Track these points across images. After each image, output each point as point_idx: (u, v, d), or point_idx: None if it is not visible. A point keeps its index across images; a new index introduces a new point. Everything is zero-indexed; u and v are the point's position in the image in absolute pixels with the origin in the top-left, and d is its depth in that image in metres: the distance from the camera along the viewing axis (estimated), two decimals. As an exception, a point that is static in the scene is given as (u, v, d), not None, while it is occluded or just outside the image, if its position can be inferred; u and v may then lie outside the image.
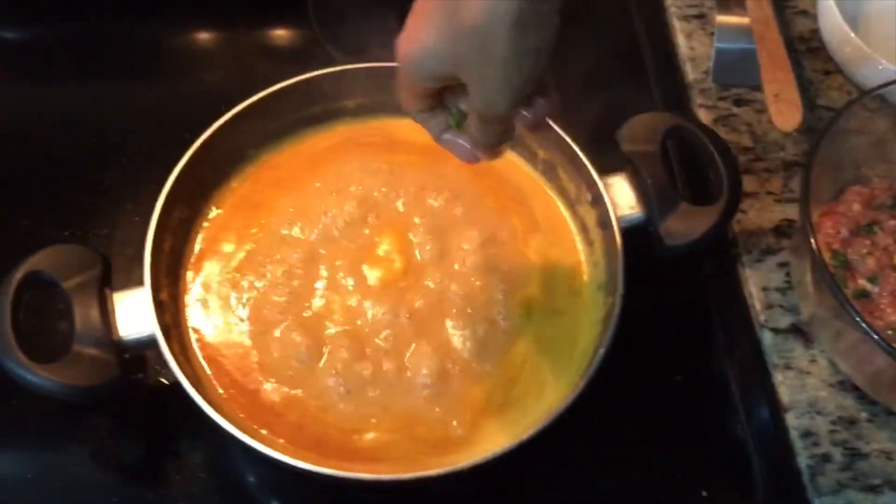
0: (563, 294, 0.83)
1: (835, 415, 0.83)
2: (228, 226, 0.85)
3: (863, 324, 0.74)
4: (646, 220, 0.82)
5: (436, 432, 0.76)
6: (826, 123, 0.84)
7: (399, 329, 0.80)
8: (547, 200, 0.89)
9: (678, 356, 0.87)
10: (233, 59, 1.08)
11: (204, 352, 0.79)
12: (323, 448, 0.75)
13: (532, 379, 0.79)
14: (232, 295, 0.81)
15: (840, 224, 0.87)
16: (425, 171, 0.89)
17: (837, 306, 0.76)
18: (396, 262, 0.83)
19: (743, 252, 0.92)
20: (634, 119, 0.85)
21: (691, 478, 0.81)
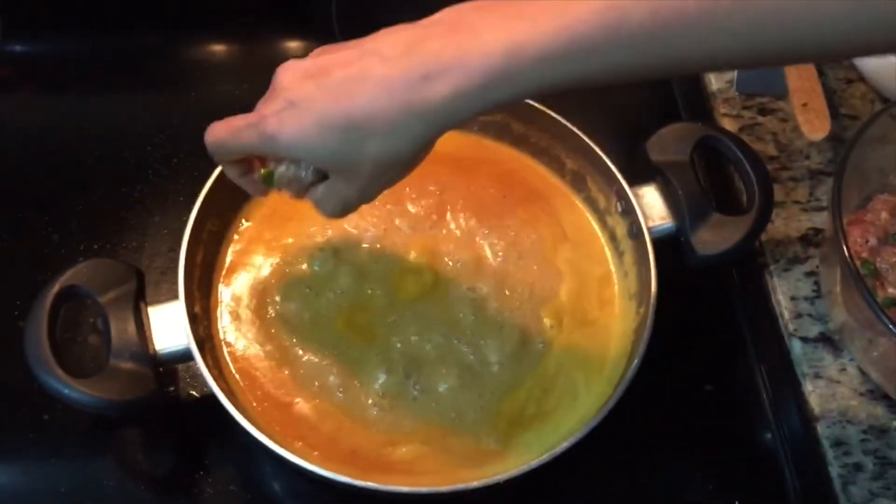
0: (593, 304, 0.84)
1: (865, 424, 0.83)
2: (258, 238, 0.85)
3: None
4: (677, 230, 0.82)
5: (470, 444, 0.76)
6: (856, 132, 0.84)
7: (430, 341, 0.80)
8: (576, 210, 0.89)
9: (707, 365, 0.87)
10: (259, 70, 1.06)
11: (236, 365, 0.79)
12: (357, 460, 0.75)
13: (564, 389, 0.79)
14: (263, 307, 0.81)
15: (868, 233, 0.87)
16: (452, 183, 0.89)
17: (869, 315, 0.76)
18: (426, 274, 0.83)
19: (770, 261, 0.92)
20: (664, 129, 0.85)
21: (724, 487, 0.81)
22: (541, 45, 0.55)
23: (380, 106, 0.58)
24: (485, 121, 0.92)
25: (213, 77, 1.06)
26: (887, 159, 0.92)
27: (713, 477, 0.82)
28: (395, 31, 0.60)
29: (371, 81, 0.58)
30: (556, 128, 0.87)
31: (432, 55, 0.57)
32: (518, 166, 0.91)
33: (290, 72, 0.62)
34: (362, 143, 0.59)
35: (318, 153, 0.62)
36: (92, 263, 0.75)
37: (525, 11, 0.56)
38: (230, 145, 0.66)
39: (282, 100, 0.61)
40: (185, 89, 1.03)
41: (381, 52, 0.59)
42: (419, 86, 0.57)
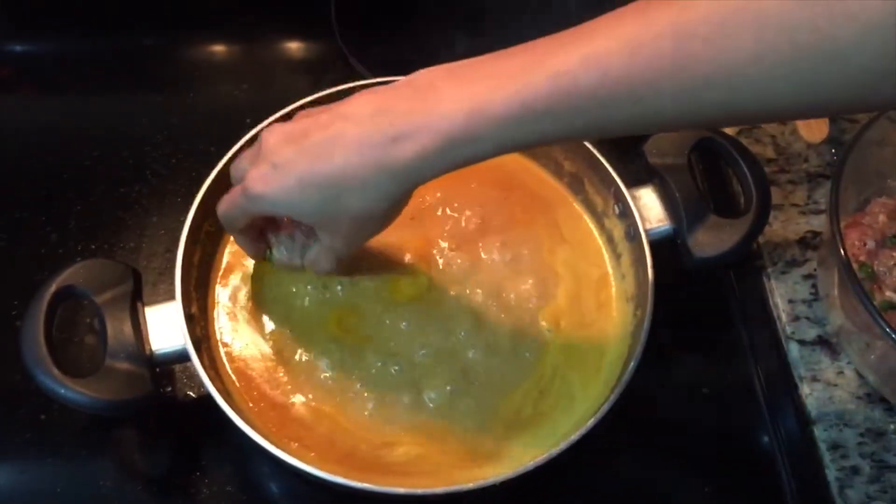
0: (590, 306, 0.84)
1: (863, 427, 0.83)
2: (256, 238, 0.85)
3: (893, 336, 0.74)
4: (674, 232, 0.82)
5: (466, 446, 0.76)
6: (854, 135, 0.84)
7: (427, 343, 0.80)
8: (573, 213, 0.89)
9: (704, 368, 0.87)
10: (257, 72, 1.08)
11: (233, 365, 0.79)
12: (353, 461, 0.75)
13: (561, 391, 0.79)
14: (259, 308, 0.81)
15: (866, 235, 0.87)
16: (451, 184, 0.89)
17: (866, 318, 0.76)
18: (421, 276, 0.83)
19: (768, 264, 0.92)
20: (661, 133, 0.85)
21: (720, 490, 0.81)
22: (498, 109, 0.59)
23: (353, 165, 0.63)
24: (483, 123, 0.91)
25: (211, 78, 1.06)
26: (885, 162, 0.92)
27: (709, 480, 0.81)
28: (367, 94, 0.65)
29: (345, 143, 0.63)
30: (554, 130, 0.87)
31: (400, 117, 0.62)
32: (516, 168, 0.91)
33: (274, 135, 0.67)
34: (339, 199, 0.65)
35: (300, 209, 0.67)
36: (89, 264, 0.75)
37: (487, 75, 0.60)
38: (231, 212, 0.73)
39: (267, 163, 0.66)
40: (183, 90, 1.03)
41: (354, 116, 0.64)
42: (388, 147, 0.62)
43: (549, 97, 0.58)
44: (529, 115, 0.59)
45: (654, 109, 0.57)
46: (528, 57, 0.60)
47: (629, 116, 0.58)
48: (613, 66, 0.56)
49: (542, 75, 0.58)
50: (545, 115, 0.59)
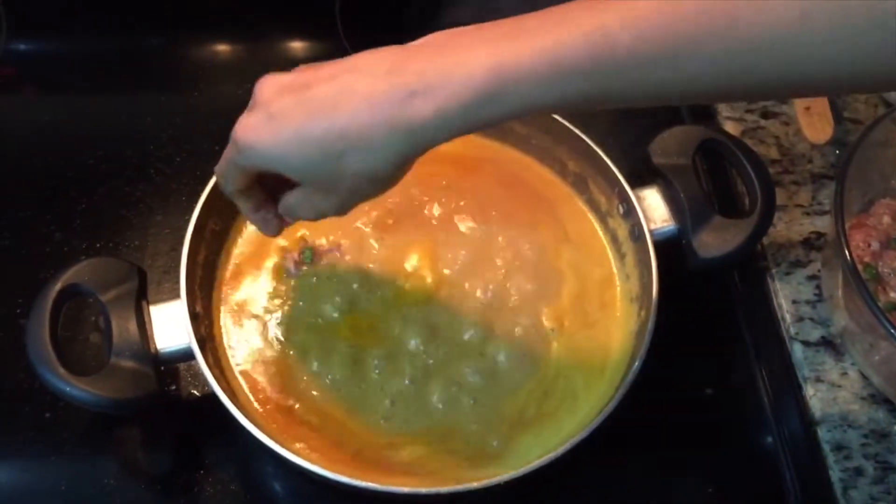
0: (594, 306, 0.84)
1: (867, 428, 0.83)
2: (261, 239, 0.85)
3: (897, 337, 0.75)
4: (678, 232, 0.82)
5: (471, 446, 0.76)
6: (858, 136, 0.84)
7: (432, 343, 0.80)
8: (578, 212, 0.89)
9: (708, 369, 0.87)
10: (261, 71, 1.07)
11: (237, 365, 0.79)
12: (358, 463, 0.75)
13: (565, 391, 0.79)
14: (264, 309, 0.81)
15: (870, 237, 0.87)
16: (456, 183, 0.90)
17: (871, 319, 0.76)
18: (428, 276, 0.84)
19: (772, 265, 0.92)
20: (666, 132, 0.85)
21: (723, 491, 0.81)
22: (525, 65, 0.55)
23: (362, 122, 0.57)
24: (488, 122, 0.91)
25: (215, 77, 1.06)
26: (890, 163, 0.92)
27: (713, 480, 0.81)
28: (380, 50, 0.59)
29: (354, 97, 0.57)
30: (559, 129, 0.87)
31: (417, 74, 0.56)
32: (520, 168, 0.91)
33: (268, 85, 0.61)
34: (341, 157, 0.59)
35: (294, 165, 0.61)
36: (94, 262, 0.75)
37: (512, 33, 0.56)
38: (223, 169, 0.66)
39: (261, 112, 0.60)
40: (187, 89, 1.03)
41: (366, 70, 0.58)
42: (403, 103, 0.56)
43: (582, 54, 0.54)
44: (559, 74, 0.55)
45: (690, 74, 0.55)
46: (560, 15, 0.56)
47: (662, 81, 0.55)
48: (654, 25, 0.53)
49: (577, 32, 0.54)
50: (576, 75, 0.55)
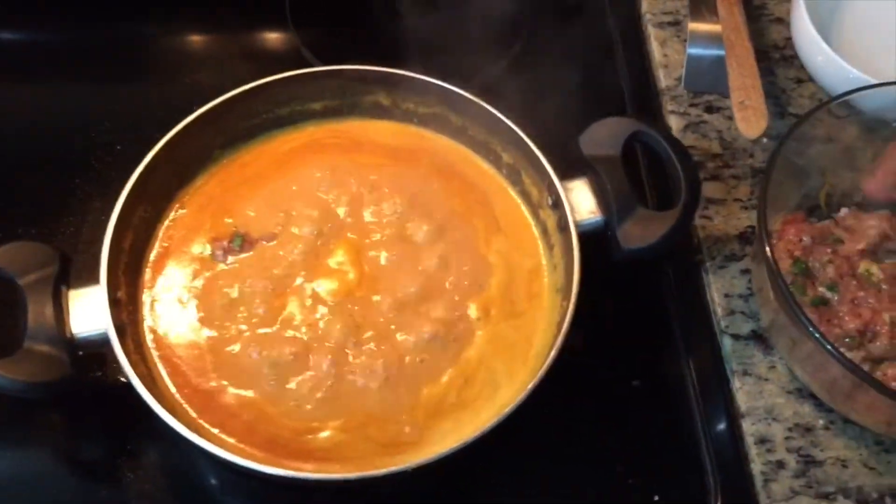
0: (521, 297, 0.84)
1: (791, 422, 0.83)
2: (192, 225, 0.86)
3: (816, 334, 0.75)
4: (604, 224, 0.82)
5: (388, 433, 0.76)
6: (787, 131, 0.84)
7: (354, 332, 0.80)
8: (511, 203, 0.89)
9: (637, 361, 0.87)
10: (213, 61, 1.09)
11: (160, 351, 0.79)
12: (275, 448, 0.75)
13: (486, 380, 0.79)
14: (190, 295, 0.82)
15: (803, 231, 0.87)
16: (390, 174, 0.90)
17: (792, 315, 0.76)
18: (354, 265, 0.84)
19: (707, 258, 0.92)
20: (596, 124, 0.85)
21: (644, 482, 0.81)
22: None
23: None
24: (424, 113, 0.92)
25: (162, 67, 1.07)
26: (829, 158, 0.91)
27: (634, 472, 0.82)
28: None
29: None
30: (493, 121, 0.88)
31: None
32: (457, 158, 0.92)
33: None
34: None
35: None
36: (15, 246, 0.76)
37: None
38: None
39: None
40: (131, 79, 1.04)
41: None
42: None
43: None
44: None
45: None
46: None
47: None
48: None
49: None
50: None
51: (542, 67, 1.08)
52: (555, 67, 1.08)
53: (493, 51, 1.07)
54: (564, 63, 1.08)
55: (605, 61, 1.09)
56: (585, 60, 1.09)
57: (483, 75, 1.03)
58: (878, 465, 0.81)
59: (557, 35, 1.11)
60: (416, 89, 0.90)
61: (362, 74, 0.90)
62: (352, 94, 0.92)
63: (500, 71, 1.05)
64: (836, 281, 0.83)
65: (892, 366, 0.80)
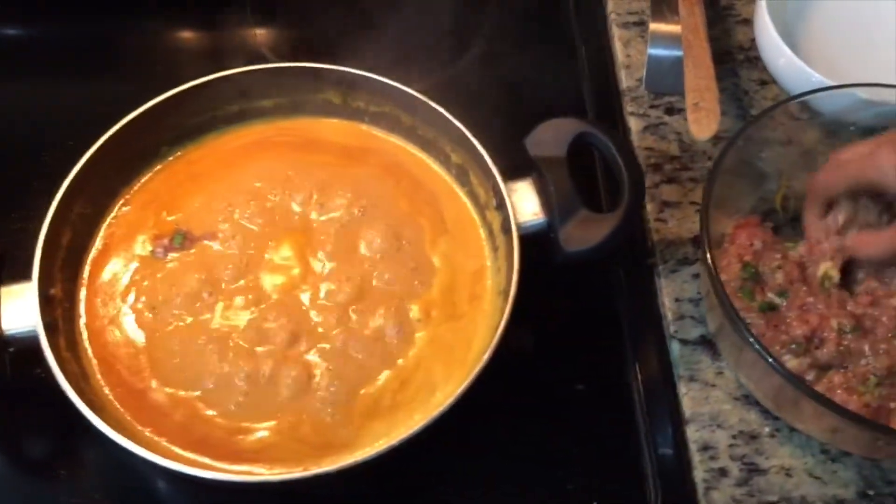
0: (464, 298, 0.83)
1: (736, 429, 0.82)
2: (135, 222, 0.85)
3: (756, 344, 0.73)
4: (547, 226, 0.81)
5: (321, 434, 0.76)
6: (734, 134, 0.83)
7: (293, 331, 0.79)
8: (458, 204, 0.88)
9: (583, 365, 0.86)
10: (172, 58, 1.09)
11: (95, 349, 0.79)
12: (206, 448, 0.75)
13: (424, 382, 0.78)
14: (129, 293, 0.81)
15: (755, 236, 0.85)
16: (339, 172, 0.89)
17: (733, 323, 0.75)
18: (296, 264, 0.84)
19: (660, 261, 0.91)
20: (543, 125, 0.84)
21: (583, 488, 0.80)
22: None
23: None
24: (375, 111, 0.91)
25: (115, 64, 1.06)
26: (789, 162, 0.90)
27: (574, 477, 0.81)
28: None
29: None
30: (442, 121, 0.87)
31: None
32: (406, 158, 0.91)
33: None
34: None
35: None
36: (-52, 243, 0.75)
37: None
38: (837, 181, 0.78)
39: None
40: (94, 74, 1.04)
41: None
42: None
43: None
44: None
45: None
46: None
47: None
48: None
49: None
50: None
51: (503, 67, 1.07)
52: (516, 67, 1.07)
53: (454, 50, 1.06)
54: (526, 63, 1.08)
55: (567, 61, 1.08)
56: (548, 60, 1.09)
57: (443, 74, 1.02)
58: (824, 474, 0.80)
59: (520, 35, 1.10)
60: (367, 88, 0.89)
61: (312, 72, 0.89)
62: (302, 92, 0.91)
63: (460, 70, 1.05)
64: (786, 286, 0.82)
65: (838, 373, 0.78)
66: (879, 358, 0.78)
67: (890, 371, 0.78)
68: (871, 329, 0.80)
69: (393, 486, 0.79)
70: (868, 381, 0.78)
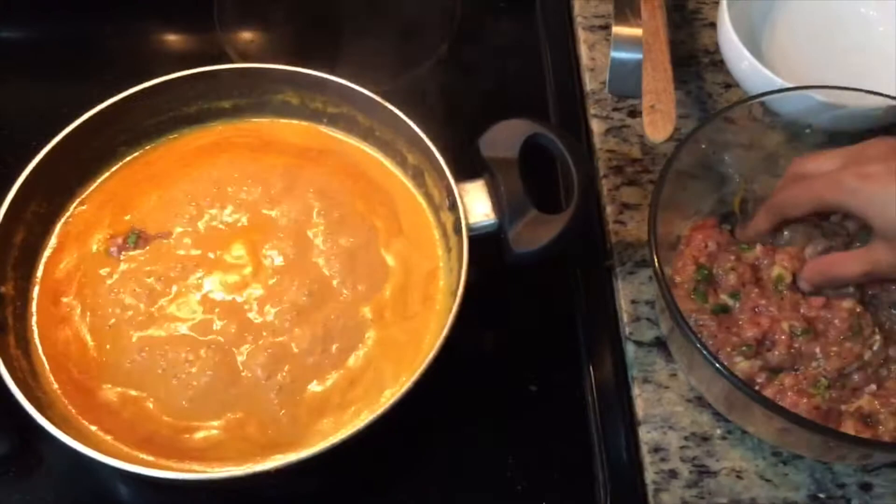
0: (416, 299, 0.83)
1: (688, 430, 0.82)
2: (91, 222, 0.86)
3: (703, 349, 0.74)
4: (498, 226, 0.81)
5: (268, 433, 0.76)
6: (685, 137, 0.83)
7: (243, 330, 0.80)
8: (414, 205, 0.88)
9: (537, 366, 0.86)
10: (137, 61, 1.09)
11: (45, 348, 0.79)
12: (151, 446, 0.75)
13: (373, 382, 0.78)
14: (82, 292, 0.82)
15: (709, 238, 0.85)
16: (296, 173, 0.89)
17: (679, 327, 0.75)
18: (250, 262, 0.84)
19: (618, 263, 0.91)
20: (496, 126, 0.84)
21: (534, 489, 0.80)
22: None
23: None
24: (333, 113, 0.92)
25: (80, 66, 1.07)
26: (751, 166, 0.90)
27: (524, 477, 0.80)
28: None
29: None
30: (398, 122, 0.87)
31: None
32: (363, 159, 0.91)
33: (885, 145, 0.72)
34: None
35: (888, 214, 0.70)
36: None
37: None
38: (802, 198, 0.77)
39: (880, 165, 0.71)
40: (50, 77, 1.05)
41: None
42: None
43: None
44: None
45: None
46: None
47: None
48: None
49: None
50: None
51: (469, 69, 1.08)
52: (482, 70, 1.08)
53: (419, 52, 1.07)
54: (492, 65, 1.08)
55: (533, 64, 1.08)
56: (514, 63, 1.09)
57: (406, 77, 1.03)
58: (774, 477, 0.80)
59: (486, 38, 1.10)
60: (324, 89, 0.90)
61: (270, 73, 0.90)
62: (261, 93, 0.91)
63: (424, 73, 1.05)
64: (738, 288, 0.82)
65: (789, 375, 0.78)
66: (830, 360, 0.78)
67: (840, 373, 0.78)
68: (822, 332, 0.79)
69: (341, 485, 0.79)
70: (819, 383, 0.78)
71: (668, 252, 0.87)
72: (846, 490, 0.79)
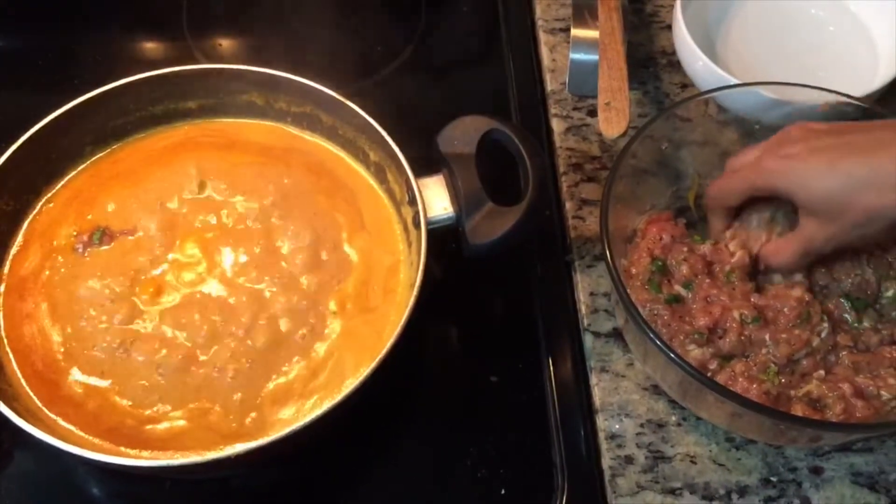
0: (378, 292, 0.85)
1: (644, 418, 0.84)
2: (57, 219, 0.87)
3: (656, 339, 0.75)
4: (456, 219, 0.83)
5: (230, 423, 0.77)
6: (634, 134, 0.85)
7: (204, 323, 0.81)
8: (376, 201, 0.90)
9: (497, 357, 0.88)
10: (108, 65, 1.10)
11: (11, 342, 0.80)
12: (115, 437, 0.76)
13: (334, 372, 0.80)
14: (47, 287, 0.83)
15: (664, 231, 0.87)
16: (261, 172, 0.91)
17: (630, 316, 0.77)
18: (215, 258, 0.85)
19: (577, 257, 0.93)
20: (454, 122, 0.86)
21: (493, 476, 0.82)
22: None
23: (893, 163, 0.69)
24: (297, 112, 0.93)
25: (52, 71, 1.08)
26: (703, 162, 0.92)
27: (484, 465, 0.82)
28: None
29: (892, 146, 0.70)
30: (359, 120, 0.89)
31: None
32: (327, 157, 0.93)
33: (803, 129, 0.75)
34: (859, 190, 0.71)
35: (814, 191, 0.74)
36: None
37: None
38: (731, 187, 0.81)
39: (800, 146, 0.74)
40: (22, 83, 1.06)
41: None
42: None
43: None
44: None
45: None
46: None
47: None
48: None
49: None
50: None
51: (433, 71, 1.09)
52: (446, 71, 1.10)
53: (382, 54, 1.09)
54: (455, 67, 1.10)
55: (496, 65, 1.10)
56: (477, 65, 1.11)
57: (371, 78, 1.05)
58: (728, 461, 0.82)
59: (450, 40, 1.13)
60: (288, 89, 0.91)
61: (235, 73, 0.91)
62: (226, 94, 0.93)
63: (390, 72, 1.07)
64: (691, 279, 0.84)
65: (740, 362, 0.80)
66: (780, 347, 0.80)
67: (790, 360, 0.80)
68: (772, 319, 0.82)
69: (302, 473, 0.81)
70: (768, 369, 0.80)
71: (625, 245, 0.89)
72: (797, 474, 0.81)
